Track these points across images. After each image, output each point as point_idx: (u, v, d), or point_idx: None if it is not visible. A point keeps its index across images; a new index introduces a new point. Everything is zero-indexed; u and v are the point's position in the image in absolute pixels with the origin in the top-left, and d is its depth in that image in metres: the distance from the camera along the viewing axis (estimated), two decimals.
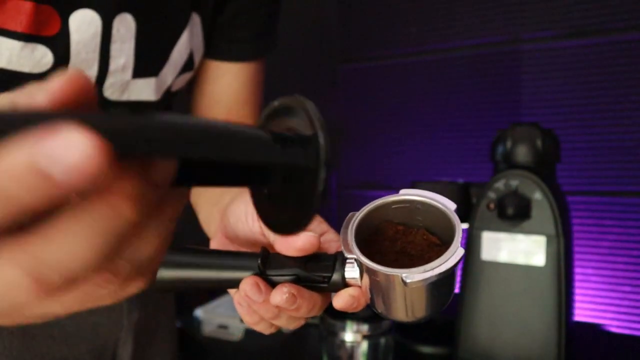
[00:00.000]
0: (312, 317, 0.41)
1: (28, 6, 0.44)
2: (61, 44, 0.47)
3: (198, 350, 1.01)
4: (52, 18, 0.46)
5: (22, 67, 0.46)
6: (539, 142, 0.82)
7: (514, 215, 0.79)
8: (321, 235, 0.39)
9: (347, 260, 0.35)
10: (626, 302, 1.14)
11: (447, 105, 1.35)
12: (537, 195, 0.79)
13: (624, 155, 1.14)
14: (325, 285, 0.35)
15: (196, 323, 1.07)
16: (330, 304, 0.38)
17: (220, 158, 0.21)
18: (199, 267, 0.36)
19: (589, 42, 1.17)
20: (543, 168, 0.82)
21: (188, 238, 0.41)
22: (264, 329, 0.39)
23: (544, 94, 1.22)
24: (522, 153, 0.83)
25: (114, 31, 0.50)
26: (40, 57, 0.46)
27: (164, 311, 0.72)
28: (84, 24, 0.48)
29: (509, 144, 0.84)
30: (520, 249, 0.80)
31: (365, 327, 0.76)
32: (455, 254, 0.32)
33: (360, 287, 0.35)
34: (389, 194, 0.36)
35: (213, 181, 0.24)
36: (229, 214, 0.42)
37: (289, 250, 0.35)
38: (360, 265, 0.34)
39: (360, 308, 0.36)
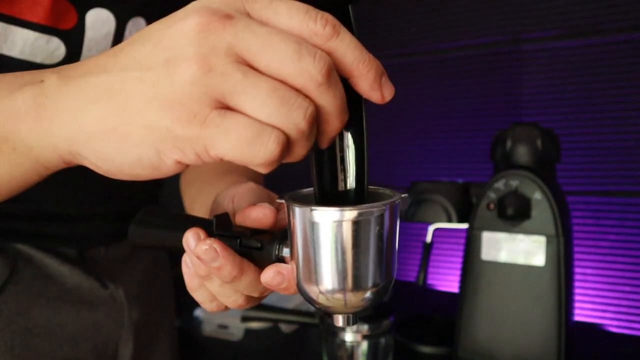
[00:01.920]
0: (254, 304, 0.39)
1: None
2: (75, 39, 0.49)
3: (198, 350, 1.01)
4: (69, 12, 0.48)
5: (34, 57, 0.47)
6: (539, 142, 0.82)
7: (514, 215, 0.79)
8: None
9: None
10: (626, 302, 1.14)
11: (447, 105, 1.35)
12: (537, 195, 0.79)
13: (624, 155, 1.14)
14: (260, 251, 0.35)
15: (196, 323, 1.07)
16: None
17: None
18: (167, 227, 0.38)
19: (589, 42, 1.17)
20: (543, 168, 0.82)
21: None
22: (204, 300, 0.39)
23: (544, 94, 1.23)
24: (522, 153, 0.83)
25: (127, 33, 0.52)
26: (53, 48, 0.48)
27: (164, 311, 0.72)
28: (99, 22, 0.50)
29: (508, 144, 0.84)
30: (520, 249, 0.80)
31: (365, 327, 0.76)
32: (375, 206, 0.31)
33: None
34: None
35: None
36: (215, 201, 0.44)
37: (245, 221, 0.36)
38: (290, 220, 0.32)
39: (290, 290, 0.34)
